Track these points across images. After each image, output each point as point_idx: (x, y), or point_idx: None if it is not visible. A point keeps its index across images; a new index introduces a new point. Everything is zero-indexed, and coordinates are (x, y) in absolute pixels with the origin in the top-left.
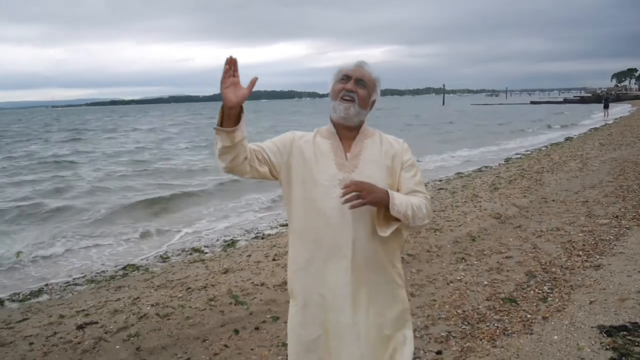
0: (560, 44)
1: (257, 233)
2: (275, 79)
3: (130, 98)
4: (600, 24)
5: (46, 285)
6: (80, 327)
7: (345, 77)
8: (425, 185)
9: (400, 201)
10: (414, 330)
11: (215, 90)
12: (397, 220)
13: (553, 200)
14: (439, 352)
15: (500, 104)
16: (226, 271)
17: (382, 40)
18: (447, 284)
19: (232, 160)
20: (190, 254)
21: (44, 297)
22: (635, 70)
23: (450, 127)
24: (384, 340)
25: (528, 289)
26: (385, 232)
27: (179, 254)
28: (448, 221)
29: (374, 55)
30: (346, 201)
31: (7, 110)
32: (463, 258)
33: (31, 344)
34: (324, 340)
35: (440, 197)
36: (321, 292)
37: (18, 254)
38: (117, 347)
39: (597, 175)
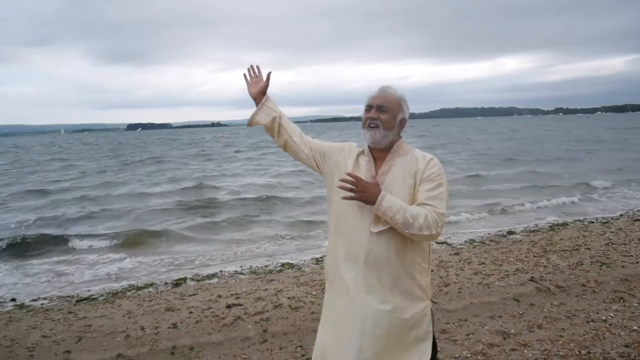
0: None
1: None
2: (493, 95)
3: (349, 115)
4: None
5: (220, 271)
6: (228, 307)
7: (368, 106)
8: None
9: (389, 205)
10: None
11: (431, 107)
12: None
13: None
14: None
15: None
16: None
17: (624, 48)
18: (587, 322)
19: (278, 139)
20: None
21: (214, 280)
22: None
23: None
24: (399, 332)
25: None
26: (376, 229)
27: None
28: (624, 256)
29: (613, 66)
30: (341, 187)
31: (243, 126)
32: (622, 298)
33: (190, 312)
34: (338, 319)
35: (631, 229)
36: (342, 283)
37: None
38: (249, 326)
39: None
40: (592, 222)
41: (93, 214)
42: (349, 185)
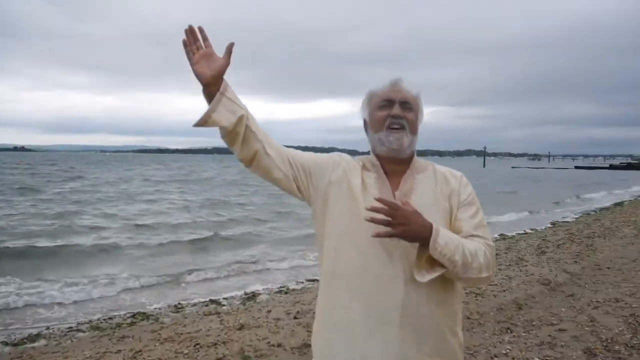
0: (617, 109)
1: (280, 286)
2: (316, 135)
3: (175, 147)
4: None
5: (47, 328)
6: None
7: (387, 101)
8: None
9: (446, 241)
10: None
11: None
12: (443, 265)
13: (608, 268)
14: None
15: (543, 167)
16: (241, 327)
17: (429, 101)
18: (491, 358)
19: (241, 149)
20: (207, 305)
21: (41, 343)
22: None
23: (492, 190)
24: None
25: None
26: (424, 277)
27: (194, 305)
28: (491, 285)
29: None
30: (371, 221)
31: (61, 153)
32: (508, 328)
33: None
34: None
35: None
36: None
37: None
38: None
39: None
40: None
41: None
42: (380, 216)
